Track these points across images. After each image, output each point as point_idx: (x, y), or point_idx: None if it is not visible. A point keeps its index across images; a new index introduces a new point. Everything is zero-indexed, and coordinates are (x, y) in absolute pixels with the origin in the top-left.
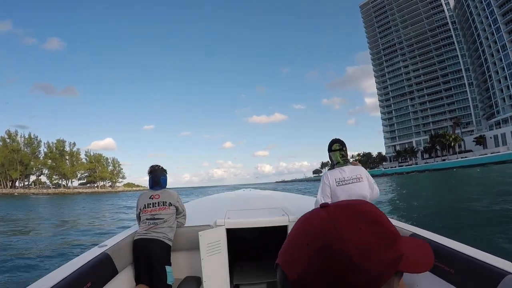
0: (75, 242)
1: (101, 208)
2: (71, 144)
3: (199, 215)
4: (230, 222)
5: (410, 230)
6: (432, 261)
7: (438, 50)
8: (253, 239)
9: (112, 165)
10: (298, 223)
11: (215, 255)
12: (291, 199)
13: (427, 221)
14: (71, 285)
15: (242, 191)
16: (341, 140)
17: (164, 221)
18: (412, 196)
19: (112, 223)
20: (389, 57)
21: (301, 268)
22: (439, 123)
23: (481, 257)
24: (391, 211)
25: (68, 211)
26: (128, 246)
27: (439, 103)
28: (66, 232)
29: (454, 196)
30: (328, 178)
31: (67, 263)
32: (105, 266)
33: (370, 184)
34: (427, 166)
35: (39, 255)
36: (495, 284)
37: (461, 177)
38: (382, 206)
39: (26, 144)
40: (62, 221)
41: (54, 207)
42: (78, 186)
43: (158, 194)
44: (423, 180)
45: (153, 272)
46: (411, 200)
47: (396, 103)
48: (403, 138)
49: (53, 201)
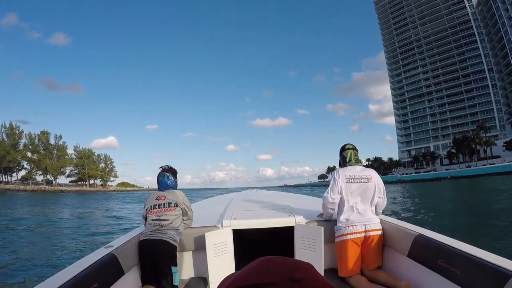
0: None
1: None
2: (56, 137)
3: (205, 216)
4: (237, 223)
5: (416, 231)
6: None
7: (459, 48)
8: (259, 240)
9: (104, 163)
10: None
11: (221, 256)
12: (297, 200)
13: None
14: (77, 285)
15: (248, 192)
16: (352, 144)
17: (169, 223)
18: (440, 207)
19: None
20: (406, 55)
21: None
22: (460, 127)
23: (487, 258)
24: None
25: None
26: (134, 247)
27: (460, 106)
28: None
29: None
30: (339, 174)
31: (74, 264)
32: (111, 266)
33: (379, 189)
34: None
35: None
36: (501, 285)
37: (493, 186)
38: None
39: (8, 135)
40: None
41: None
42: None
43: (164, 195)
44: (447, 188)
45: (159, 273)
46: (441, 213)
47: (413, 105)
48: (420, 143)
49: (13, 200)
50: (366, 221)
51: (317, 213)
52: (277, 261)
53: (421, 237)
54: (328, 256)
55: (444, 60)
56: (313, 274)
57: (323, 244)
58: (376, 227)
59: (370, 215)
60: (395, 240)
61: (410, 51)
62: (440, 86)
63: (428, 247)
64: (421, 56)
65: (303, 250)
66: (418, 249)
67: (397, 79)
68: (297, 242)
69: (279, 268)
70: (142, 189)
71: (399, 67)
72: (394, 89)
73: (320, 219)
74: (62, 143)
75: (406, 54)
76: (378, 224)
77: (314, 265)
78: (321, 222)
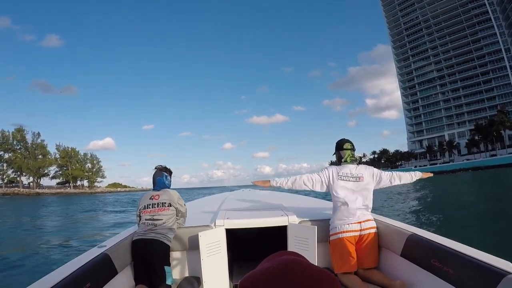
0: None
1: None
2: (34, 134)
3: (199, 216)
4: (230, 223)
5: (410, 231)
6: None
7: (471, 28)
8: (252, 239)
9: (90, 162)
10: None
11: (214, 255)
12: (291, 199)
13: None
14: (70, 285)
15: (241, 191)
16: (351, 141)
17: (163, 222)
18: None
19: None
20: (413, 37)
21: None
22: (476, 113)
23: (481, 257)
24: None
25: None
26: (127, 246)
27: (476, 90)
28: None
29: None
30: (331, 169)
31: (67, 264)
32: (104, 266)
33: (377, 178)
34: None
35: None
36: (494, 284)
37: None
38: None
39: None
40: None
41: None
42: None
43: (158, 194)
44: (474, 180)
45: (153, 272)
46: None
47: (423, 91)
48: (433, 132)
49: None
50: (360, 220)
51: (310, 213)
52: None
53: (414, 237)
54: (321, 255)
55: (455, 41)
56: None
57: (316, 244)
58: (371, 225)
59: (365, 214)
60: (388, 240)
61: (418, 32)
62: (452, 70)
63: (421, 247)
64: (430, 38)
65: (296, 249)
66: (411, 248)
67: (405, 63)
68: (290, 242)
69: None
70: (134, 189)
71: (407, 51)
72: (401, 74)
73: (314, 218)
74: (41, 141)
75: (413, 36)
76: (373, 223)
77: None
78: (314, 222)
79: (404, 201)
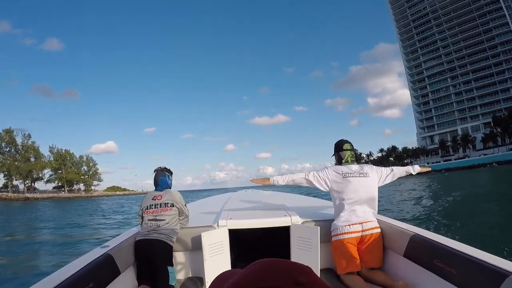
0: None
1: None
2: (25, 135)
3: (202, 216)
4: (232, 223)
5: (412, 231)
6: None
7: (482, 17)
8: (255, 240)
9: (86, 165)
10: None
11: (217, 256)
12: (294, 200)
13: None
14: (73, 285)
15: (244, 191)
16: (350, 142)
17: (166, 223)
18: None
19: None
20: (421, 29)
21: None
22: (490, 106)
23: (483, 257)
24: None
25: None
26: (130, 246)
27: (488, 81)
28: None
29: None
30: (333, 168)
31: (70, 264)
32: (107, 266)
33: (381, 175)
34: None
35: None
36: (497, 284)
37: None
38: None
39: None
40: None
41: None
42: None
43: (160, 195)
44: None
45: (156, 272)
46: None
47: (433, 84)
48: (444, 126)
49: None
50: (363, 221)
51: (313, 213)
52: (280, 264)
53: (417, 237)
54: (324, 256)
55: (466, 31)
56: (315, 278)
57: (319, 244)
58: (373, 226)
59: (368, 214)
60: (391, 240)
61: (426, 23)
62: (463, 61)
63: (424, 247)
64: (439, 29)
65: (299, 250)
66: (414, 249)
67: (413, 56)
68: (293, 242)
69: (283, 271)
70: (133, 193)
71: (415, 43)
72: (409, 67)
73: (317, 218)
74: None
75: (421, 27)
76: (376, 223)
77: (310, 265)
78: (317, 222)
79: (428, 200)
